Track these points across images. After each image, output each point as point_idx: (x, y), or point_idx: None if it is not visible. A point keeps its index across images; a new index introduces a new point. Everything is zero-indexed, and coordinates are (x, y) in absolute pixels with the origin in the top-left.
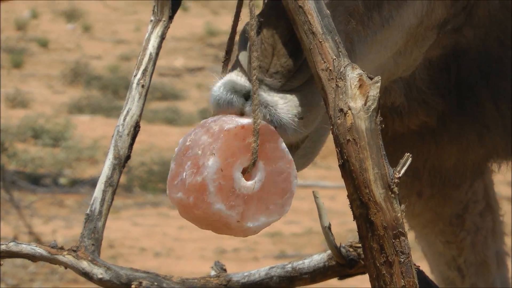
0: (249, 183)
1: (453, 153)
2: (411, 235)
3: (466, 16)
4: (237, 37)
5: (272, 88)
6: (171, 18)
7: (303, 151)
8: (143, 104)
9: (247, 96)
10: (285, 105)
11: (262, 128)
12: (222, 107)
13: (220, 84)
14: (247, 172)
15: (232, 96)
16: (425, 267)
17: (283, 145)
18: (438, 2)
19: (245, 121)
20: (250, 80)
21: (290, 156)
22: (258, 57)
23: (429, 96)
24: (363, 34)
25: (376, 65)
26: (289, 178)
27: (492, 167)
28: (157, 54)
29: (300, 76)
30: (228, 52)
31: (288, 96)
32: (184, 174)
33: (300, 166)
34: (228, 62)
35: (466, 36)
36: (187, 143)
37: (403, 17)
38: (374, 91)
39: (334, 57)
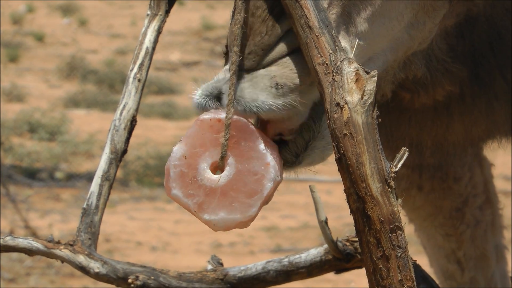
0: (215, 176)
1: (461, 127)
2: (408, 229)
3: None
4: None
5: (250, 70)
6: (167, 12)
7: (312, 151)
8: (140, 98)
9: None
10: (250, 86)
11: (241, 126)
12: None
13: (198, 91)
14: (217, 166)
15: (205, 100)
16: (423, 261)
17: (262, 146)
18: None
19: (224, 115)
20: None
21: (268, 159)
22: (237, 52)
23: (450, 64)
24: (361, 7)
25: (389, 39)
26: (263, 180)
27: (493, 144)
28: (153, 48)
29: (277, 48)
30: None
31: (260, 71)
32: None
33: (322, 153)
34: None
35: (476, 4)
36: None
37: None
38: (370, 85)
39: (331, 51)
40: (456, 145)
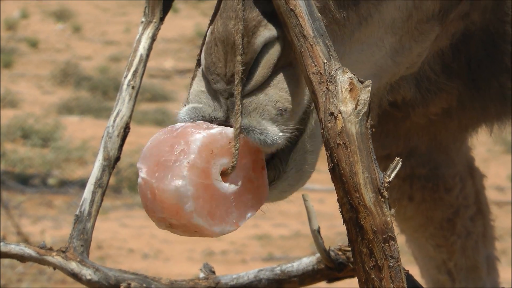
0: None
1: (457, 124)
2: (400, 239)
3: (472, 1)
4: None
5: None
6: (162, 19)
7: (286, 176)
8: (133, 106)
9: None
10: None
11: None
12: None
13: (183, 111)
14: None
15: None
16: (415, 271)
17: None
18: None
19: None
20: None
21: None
22: (240, 61)
23: (445, 82)
24: (339, 34)
25: (370, 65)
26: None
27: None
28: (147, 55)
29: (260, 69)
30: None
31: (261, 97)
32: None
33: (281, 193)
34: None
35: (474, 21)
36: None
37: (383, 13)
38: (364, 95)
39: (325, 61)
40: (448, 140)
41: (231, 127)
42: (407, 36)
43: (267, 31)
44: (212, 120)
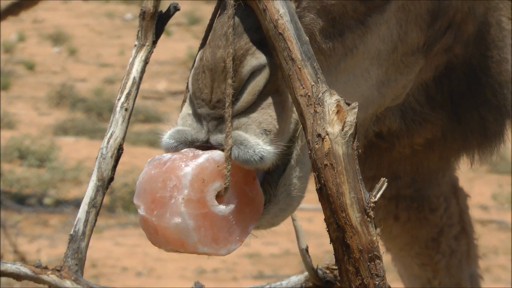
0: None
1: (438, 155)
2: (385, 257)
3: (455, 34)
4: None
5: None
6: (154, 43)
7: (277, 200)
8: (127, 127)
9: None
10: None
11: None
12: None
13: (167, 134)
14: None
15: (176, 145)
16: None
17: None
18: (411, 25)
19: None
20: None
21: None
22: (231, 84)
23: (429, 113)
24: (325, 64)
25: (357, 96)
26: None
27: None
28: (140, 78)
29: (246, 94)
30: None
31: (242, 119)
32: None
33: (274, 217)
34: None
35: (457, 54)
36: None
37: (368, 44)
38: (351, 117)
39: (313, 83)
40: (430, 170)
41: (214, 148)
42: (392, 68)
43: (254, 60)
44: (194, 141)
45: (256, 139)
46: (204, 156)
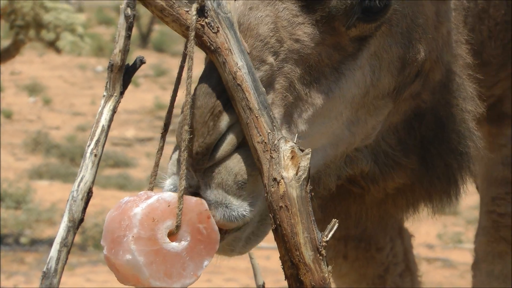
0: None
1: (404, 201)
2: None
3: (423, 82)
4: (176, 111)
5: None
6: (122, 93)
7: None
8: (96, 172)
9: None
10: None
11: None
12: None
13: (168, 182)
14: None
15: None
16: None
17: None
18: (384, 71)
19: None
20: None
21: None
22: (187, 130)
23: (401, 157)
24: (303, 109)
25: (329, 135)
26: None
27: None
28: (109, 126)
29: (224, 146)
30: (166, 125)
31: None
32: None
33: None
34: (165, 135)
35: (425, 100)
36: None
37: (343, 89)
38: (305, 162)
39: (269, 131)
40: (396, 217)
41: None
42: (363, 110)
43: (231, 116)
44: (190, 187)
45: (238, 201)
46: (155, 197)
